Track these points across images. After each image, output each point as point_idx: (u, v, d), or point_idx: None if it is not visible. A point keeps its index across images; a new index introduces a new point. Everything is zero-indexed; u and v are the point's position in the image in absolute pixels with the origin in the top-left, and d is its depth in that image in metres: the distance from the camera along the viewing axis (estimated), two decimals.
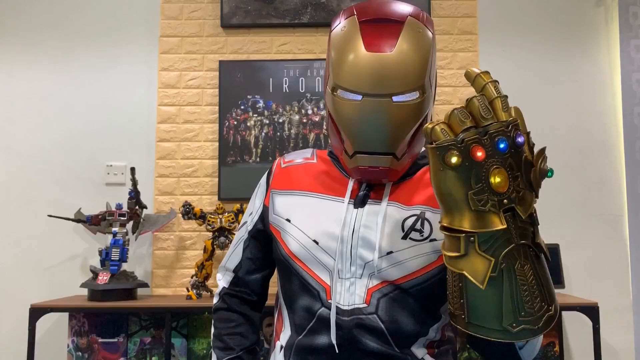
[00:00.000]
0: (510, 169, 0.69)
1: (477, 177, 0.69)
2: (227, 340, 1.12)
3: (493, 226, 0.69)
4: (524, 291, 0.71)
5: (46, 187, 2.59)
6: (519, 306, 0.71)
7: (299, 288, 1.03)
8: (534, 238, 0.73)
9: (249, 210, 1.17)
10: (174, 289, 2.52)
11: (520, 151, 0.71)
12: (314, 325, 1.00)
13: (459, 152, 0.68)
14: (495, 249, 0.70)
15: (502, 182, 0.68)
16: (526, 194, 0.71)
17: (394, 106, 0.96)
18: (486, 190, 0.69)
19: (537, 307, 0.72)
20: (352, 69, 0.97)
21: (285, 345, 1.04)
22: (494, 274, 0.71)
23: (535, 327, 0.72)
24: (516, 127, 0.71)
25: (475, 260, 0.71)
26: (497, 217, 0.69)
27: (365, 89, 0.96)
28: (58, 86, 2.65)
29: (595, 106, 2.60)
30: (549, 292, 0.74)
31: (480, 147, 0.68)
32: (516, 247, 0.71)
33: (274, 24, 2.61)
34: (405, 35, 0.97)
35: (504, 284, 0.71)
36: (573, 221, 2.53)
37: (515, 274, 0.71)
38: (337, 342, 0.97)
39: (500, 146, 0.69)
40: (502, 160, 0.69)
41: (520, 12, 2.65)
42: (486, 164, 0.68)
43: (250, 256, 1.15)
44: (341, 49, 0.99)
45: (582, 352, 2.44)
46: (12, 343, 2.50)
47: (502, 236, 0.70)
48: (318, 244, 1.01)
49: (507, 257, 0.70)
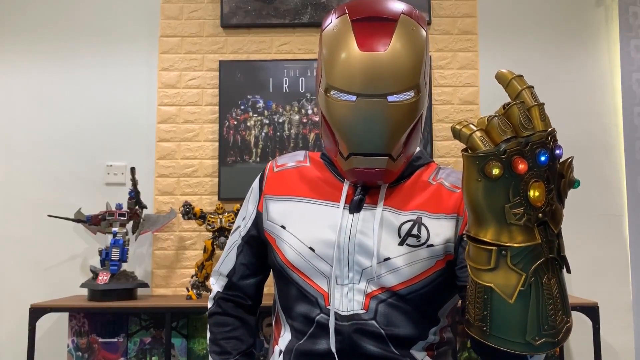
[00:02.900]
0: (547, 182, 0.68)
1: (515, 190, 0.67)
2: (224, 344, 1.11)
3: (530, 241, 0.68)
4: (549, 305, 0.70)
5: (46, 187, 2.59)
6: (543, 320, 0.70)
7: (296, 295, 1.02)
8: (560, 251, 0.72)
9: (242, 215, 1.15)
10: (174, 289, 2.52)
11: (556, 163, 0.69)
12: (313, 331, 0.99)
13: (501, 163, 0.65)
14: (526, 263, 0.69)
15: (541, 196, 0.67)
16: (557, 206, 0.71)
17: (389, 106, 0.95)
18: (524, 203, 0.67)
19: (559, 320, 0.71)
20: (345, 69, 0.95)
21: (284, 350, 1.03)
22: (522, 288, 0.69)
23: (555, 340, 0.71)
24: (554, 138, 0.69)
25: (506, 275, 0.69)
26: (532, 231, 0.68)
27: (359, 89, 0.94)
28: (58, 86, 2.64)
29: (595, 106, 2.60)
30: (568, 305, 0.74)
31: (523, 160, 0.66)
32: (545, 261, 0.69)
33: (274, 24, 2.61)
34: (398, 34, 0.95)
35: (531, 298, 0.70)
36: (573, 221, 2.52)
37: (542, 288, 0.70)
38: (336, 348, 0.97)
39: (541, 159, 0.67)
40: (541, 173, 0.67)
41: (520, 12, 2.65)
42: (526, 177, 0.66)
43: (244, 261, 1.13)
44: (334, 49, 0.97)
45: (582, 352, 2.44)
46: (12, 343, 2.50)
47: (534, 250, 0.69)
48: (314, 251, 1.00)
49: (536, 271, 0.69)
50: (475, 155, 0.66)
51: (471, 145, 0.67)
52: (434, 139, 2.56)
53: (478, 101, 2.57)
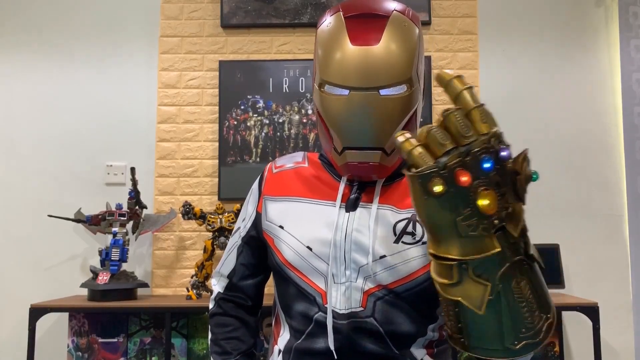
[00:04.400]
0: (497, 187, 0.63)
1: (464, 202, 0.62)
2: (224, 344, 1.12)
3: (486, 251, 0.64)
4: (522, 308, 0.68)
5: (46, 187, 2.59)
6: (519, 324, 0.68)
7: (295, 295, 1.02)
8: (527, 249, 0.69)
9: (242, 217, 1.17)
10: (174, 289, 2.52)
11: (505, 165, 0.64)
12: (312, 329, 1.00)
13: (443, 179, 0.61)
14: (490, 273, 0.66)
15: (491, 203, 0.62)
16: (515, 207, 0.66)
17: (382, 99, 0.95)
18: (475, 214, 0.63)
19: (536, 320, 0.69)
20: (338, 64, 0.96)
21: (283, 350, 1.04)
22: (491, 297, 0.66)
23: (537, 340, 0.69)
24: (499, 139, 0.63)
25: (471, 287, 0.66)
26: (490, 240, 0.64)
27: (352, 83, 0.95)
28: (58, 86, 2.65)
29: (595, 106, 2.60)
30: (546, 302, 0.71)
31: (465, 172, 0.61)
32: (511, 265, 0.66)
33: (274, 24, 2.61)
34: (390, 29, 0.97)
35: (502, 305, 0.67)
36: (573, 221, 2.53)
37: (512, 292, 0.67)
38: (335, 346, 0.97)
39: (484, 166, 0.62)
40: (489, 180, 0.62)
41: (520, 12, 2.65)
42: (472, 187, 0.62)
43: (244, 262, 1.14)
44: (327, 45, 0.99)
45: (582, 352, 2.44)
46: (12, 343, 2.50)
47: (496, 258, 0.65)
48: (312, 250, 1.01)
49: (503, 277, 0.66)
50: (416, 174, 0.63)
51: (412, 163, 0.64)
52: None
53: None
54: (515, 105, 2.59)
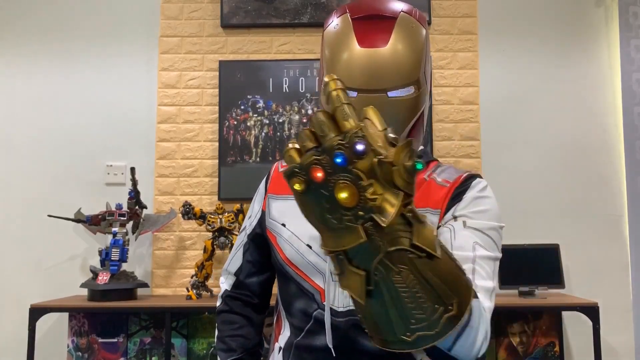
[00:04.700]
0: (358, 179, 0.65)
1: (325, 197, 0.66)
2: (229, 342, 1.13)
3: (352, 242, 0.66)
4: (406, 299, 0.68)
5: (46, 187, 2.59)
6: (406, 315, 0.68)
7: (295, 292, 1.03)
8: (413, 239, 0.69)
9: (249, 214, 1.18)
10: (174, 289, 2.52)
11: (367, 158, 0.66)
12: (311, 326, 1.00)
13: (302, 177, 0.65)
14: (365, 263, 0.67)
15: (349, 196, 0.65)
16: (388, 197, 0.67)
17: (390, 101, 0.96)
18: (337, 207, 0.66)
19: (428, 311, 0.68)
20: (346, 66, 0.97)
21: (283, 347, 1.05)
22: (370, 288, 0.68)
23: (433, 332, 0.68)
24: (356, 135, 0.66)
25: (350, 277, 0.68)
26: (356, 231, 0.66)
27: (360, 85, 0.95)
28: (58, 86, 2.65)
29: (595, 106, 2.60)
30: (443, 293, 0.70)
31: (319, 168, 0.65)
32: (387, 256, 0.66)
33: (274, 24, 2.61)
34: (398, 31, 0.97)
35: (384, 296, 0.68)
36: (573, 221, 2.53)
37: (393, 283, 0.67)
38: (333, 344, 0.97)
39: (337, 161, 0.65)
40: (347, 173, 0.65)
41: (520, 12, 2.65)
42: (330, 182, 0.65)
43: (250, 259, 1.15)
44: (335, 47, 0.99)
45: (582, 352, 2.44)
46: (12, 343, 2.50)
47: (367, 248, 0.66)
48: (312, 248, 1.01)
49: (382, 267, 0.67)
50: (283, 174, 0.67)
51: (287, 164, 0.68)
52: (434, 139, 2.56)
53: (478, 101, 2.57)
54: (515, 105, 2.59)
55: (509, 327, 2.39)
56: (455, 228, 0.93)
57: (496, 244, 0.94)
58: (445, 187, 1.01)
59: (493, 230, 0.94)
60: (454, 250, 0.90)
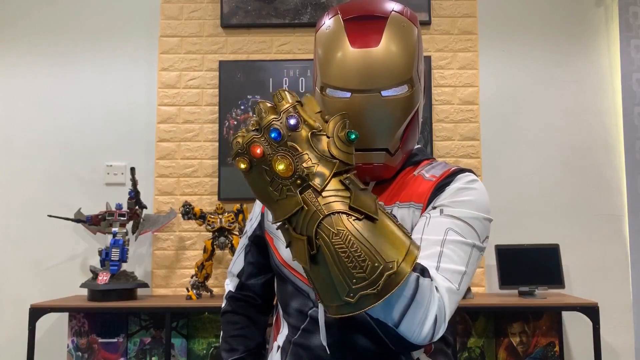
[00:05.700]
0: (294, 151, 0.74)
1: (266, 171, 0.74)
2: (232, 342, 1.14)
3: (290, 209, 0.73)
4: (345, 258, 0.72)
5: (46, 187, 2.59)
6: (347, 274, 0.72)
7: (291, 291, 1.04)
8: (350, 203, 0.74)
9: (250, 217, 1.19)
10: (173, 289, 2.52)
11: (300, 131, 0.75)
12: (307, 325, 1.01)
13: (245, 157, 0.74)
14: (308, 228, 0.73)
15: (285, 167, 0.72)
16: (323, 165, 0.74)
17: (384, 101, 0.96)
18: (277, 179, 0.73)
19: (368, 269, 0.72)
20: (339, 67, 0.97)
21: (281, 346, 1.05)
22: (313, 252, 0.73)
23: (375, 291, 0.72)
24: (287, 112, 0.75)
25: (295, 244, 0.74)
26: (294, 199, 0.73)
27: (353, 85, 0.96)
28: (58, 86, 2.65)
29: (595, 106, 2.60)
30: (383, 252, 0.73)
31: (257, 145, 0.73)
32: (327, 219, 0.72)
33: (274, 24, 2.61)
34: (389, 30, 0.97)
35: (326, 258, 0.72)
36: (573, 221, 2.53)
37: (332, 244, 0.72)
38: (328, 342, 0.98)
39: (272, 135, 0.73)
40: (283, 147, 0.73)
41: (520, 12, 2.65)
42: (269, 157, 0.73)
43: (251, 261, 1.17)
44: (327, 48, 0.99)
45: (582, 352, 2.44)
46: (12, 343, 2.50)
47: (307, 214, 0.73)
48: None
49: (322, 231, 0.72)
50: (231, 159, 0.76)
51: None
52: (434, 139, 2.56)
53: (478, 101, 2.57)
54: (515, 105, 2.59)
55: (509, 327, 2.39)
56: (431, 216, 0.93)
57: (477, 233, 0.92)
58: (431, 181, 1.01)
59: (475, 219, 0.92)
60: (424, 235, 0.90)
